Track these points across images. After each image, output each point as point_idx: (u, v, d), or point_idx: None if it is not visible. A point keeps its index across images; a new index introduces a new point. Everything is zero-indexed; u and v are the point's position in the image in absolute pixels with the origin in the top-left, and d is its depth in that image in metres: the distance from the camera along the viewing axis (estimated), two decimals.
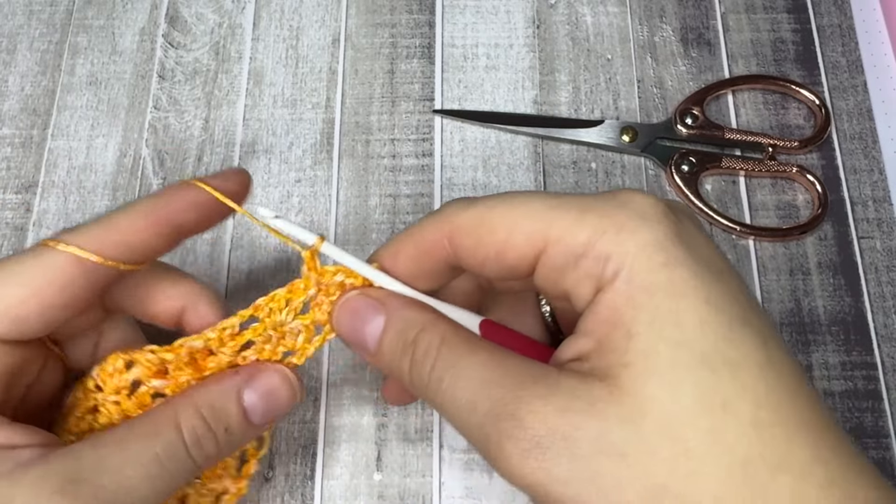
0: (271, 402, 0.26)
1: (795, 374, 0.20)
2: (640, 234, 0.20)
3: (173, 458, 0.24)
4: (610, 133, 0.41)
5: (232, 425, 0.25)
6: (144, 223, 0.25)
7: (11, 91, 0.42)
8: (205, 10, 0.44)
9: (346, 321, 0.25)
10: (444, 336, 0.23)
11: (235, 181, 0.28)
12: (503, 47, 0.43)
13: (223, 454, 0.26)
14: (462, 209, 0.23)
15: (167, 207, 0.26)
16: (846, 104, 0.42)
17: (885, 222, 0.39)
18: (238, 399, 0.26)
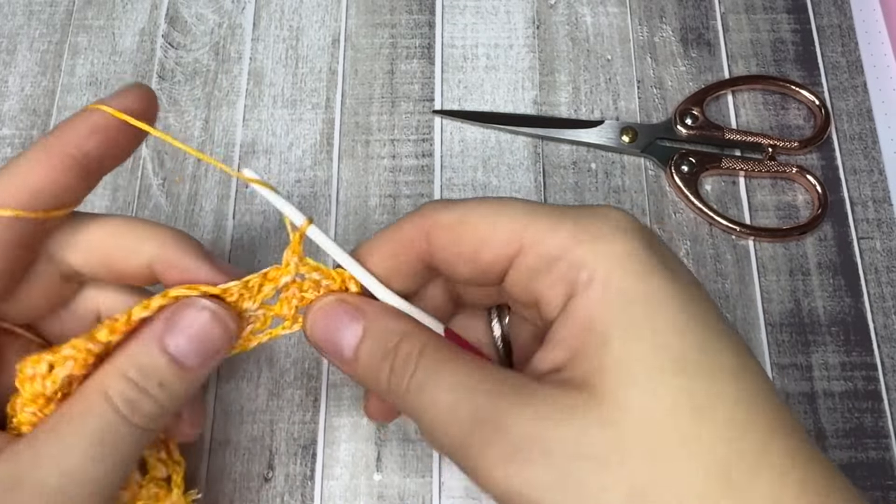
0: (200, 340, 0.24)
1: (767, 383, 0.20)
2: (616, 244, 0.21)
3: (112, 432, 0.22)
4: (610, 133, 0.41)
5: (165, 378, 0.23)
6: (45, 162, 0.23)
7: (11, 91, 0.42)
8: (205, 10, 0.44)
9: (322, 327, 0.24)
10: (426, 345, 0.23)
11: (134, 98, 0.24)
12: (503, 47, 0.43)
13: (170, 408, 0.24)
14: (442, 207, 0.24)
15: (64, 139, 0.23)
16: (846, 104, 0.42)
17: (885, 223, 0.39)
18: (161, 348, 0.23)
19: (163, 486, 0.27)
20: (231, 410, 0.36)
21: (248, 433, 0.35)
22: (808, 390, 0.36)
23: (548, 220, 0.22)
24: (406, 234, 0.24)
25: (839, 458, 0.35)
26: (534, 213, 0.22)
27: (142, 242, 0.25)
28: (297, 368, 0.36)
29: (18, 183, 0.23)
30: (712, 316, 0.21)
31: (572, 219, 0.22)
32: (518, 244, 0.22)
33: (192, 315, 0.24)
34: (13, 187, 0.23)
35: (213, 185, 0.40)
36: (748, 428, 0.19)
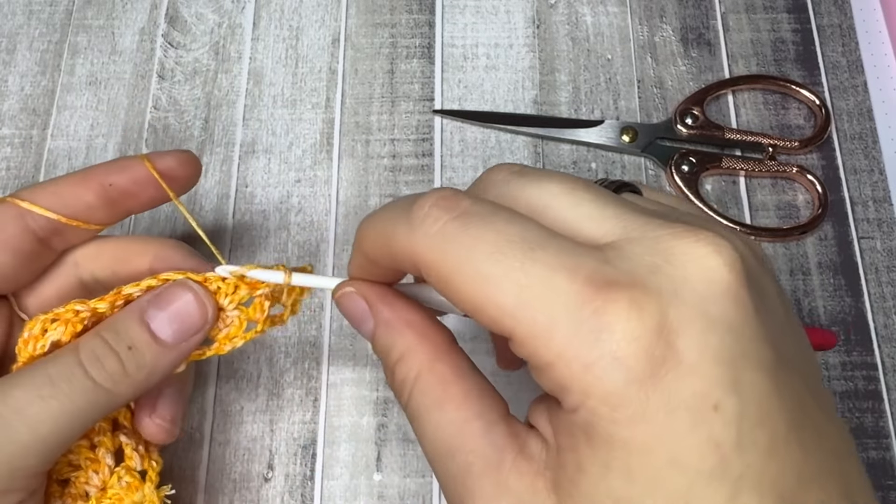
0: (178, 316, 0.25)
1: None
2: (608, 381, 0.17)
3: (68, 378, 0.23)
4: (610, 133, 0.41)
5: (136, 342, 0.25)
6: (79, 183, 0.27)
7: (11, 91, 0.42)
8: (205, 10, 0.44)
9: (347, 310, 0.25)
10: (420, 372, 0.22)
11: (178, 163, 0.28)
12: (503, 47, 0.43)
13: (136, 376, 0.25)
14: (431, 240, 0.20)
15: (102, 170, 0.27)
16: (846, 104, 0.42)
17: (886, 222, 0.39)
18: (141, 317, 0.25)
19: (136, 477, 0.27)
20: (231, 410, 0.35)
21: (248, 433, 0.35)
22: None
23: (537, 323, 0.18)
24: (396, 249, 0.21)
25: None
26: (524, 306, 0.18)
27: (145, 248, 0.28)
28: (297, 368, 0.36)
29: (48, 187, 0.27)
30: (711, 456, 0.18)
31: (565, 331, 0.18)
32: (507, 333, 0.19)
33: (176, 292, 0.26)
34: (48, 194, 0.27)
35: (213, 185, 0.40)
36: None
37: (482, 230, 0.19)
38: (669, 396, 0.17)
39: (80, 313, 0.25)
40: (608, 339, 0.17)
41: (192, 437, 0.35)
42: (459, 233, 0.19)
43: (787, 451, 0.18)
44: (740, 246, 0.19)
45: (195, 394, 0.36)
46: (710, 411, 0.17)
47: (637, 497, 0.18)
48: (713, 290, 0.18)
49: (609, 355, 0.17)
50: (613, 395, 0.17)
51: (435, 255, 0.20)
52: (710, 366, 0.18)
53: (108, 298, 0.26)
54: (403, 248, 0.21)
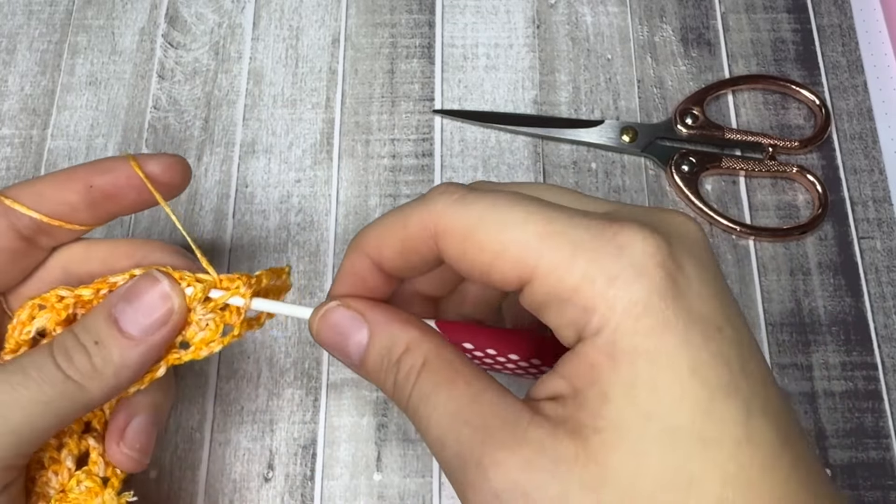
0: (143, 309, 0.25)
1: (776, 449, 0.19)
2: (631, 291, 0.19)
3: (38, 369, 0.24)
4: (610, 133, 0.41)
5: (102, 336, 0.25)
6: (61, 183, 0.27)
7: (11, 91, 0.42)
8: (205, 10, 0.44)
9: (327, 335, 0.24)
10: (427, 358, 0.22)
11: (165, 168, 0.27)
12: (503, 47, 0.43)
13: (103, 371, 0.25)
14: (450, 208, 0.22)
15: (86, 171, 0.27)
16: (846, 104, 0.42)
17: (886, 222, 0.39)
18: (108, 311, 0.25)
19: (97, 482, 0.27)
20: (231, 410, 0.35)
21: (248, 433, 0.35)
22: (809, 390, 0.36)
23: (562, 251, 0.20)
24: (413, 234, 0.22)
25: (839, 458, 0.35)
26: (549, 237, 0.20)
27: (132, 251, 0.28)
28: (297, 368, 0.36)
29: (32, 186, 0.27)
30: (728, 372, 0.19)
31: (589, 251, 0.20)
32: (529, 275, 0.20)
33: (143, 284, 0.25)
34: (32, 193, 0.26)
35: (213, 185, 0.40)
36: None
37: (497, 192, 0.21)
38: (685, 310, 0.19)
39: (65, 299, 0.26)
40: (629, 255, 0.19)
41: (192, 437, 0.35)
42: (478, 197, 0.21)
43: (777, 393, 0.20)
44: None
45: (195, 394, 0.36)
46: (717, 332, 0.19)
47: (665, 408, 0.19)
48: (695, 241, 0.21)
49: (631, 267, 0.19)
50: (637, 304, 0.19)
51: (455, 216, 0.21)
52: (710, 294, 0.20)
53: (92, 286, 0.26)
54: (421, 223, 0.22)
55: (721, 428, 0.19)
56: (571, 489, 0.19)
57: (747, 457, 0.18)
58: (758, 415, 0.19)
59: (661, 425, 0.18)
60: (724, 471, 0.18)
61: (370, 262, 0.24)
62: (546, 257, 0.20)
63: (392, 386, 0.23)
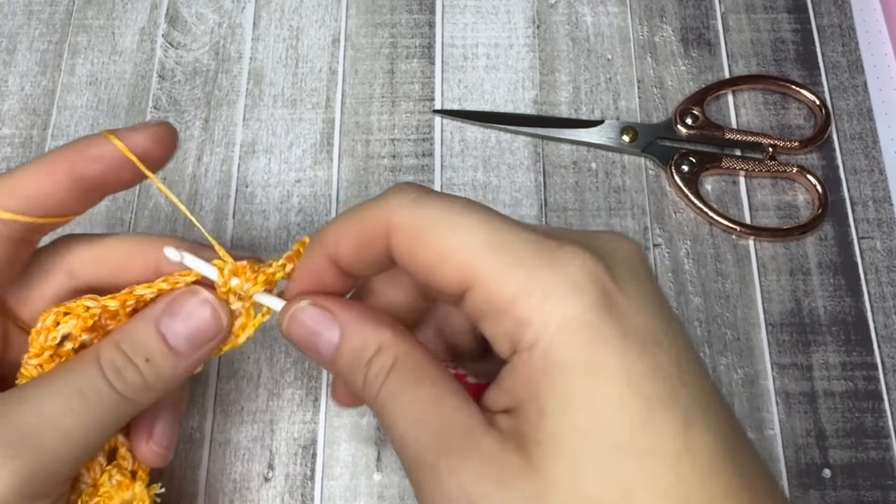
0: (191, 325, 0.25)
1: (716, 458, 0.19)
2: (567, 305, 0.19)
3: (94, 391, 0.24)
4: (610, 133, 0.41)
5: (152, 354, 0.25)
6: (43, 174, 0.25)
7: (11, 91, 0.42)
8: (205, 10, 0.44)
9: (297, 332, 0.24)
10: (397, 358, 0.22)
11: (149, 138, 0.25)
12: (503, 47, 0.43)
13: (154, 385, 0.25)
14: (404, 207, 0.22)
15: (67, 157, 0.25)
16: (846, 104, 0.42)
17: (886, 222, 0.39)
18: (156, 328, 0.25)
19: (127, 476, 0.28)
20: (231, 410, 0.35)
21: (248, 433, 0.35)
22: (809, 390, 0.36)
23: (502, 262, 0.20)
24: (368, 229, 0.22)
25: (839, 458, 0.35)
26: (492, 248, 0.20)
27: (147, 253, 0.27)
28: (297, 368, 0.36)
29: (14, 187, 0.24)
30: (666, 384, 0.19)
31: (527, 265, 0.20)
32: (470, 279, 0.20)
33: (192, 304, 0.25)
34: (8, 190, 0.24)
35: (212, 185, 0.40)
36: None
37: (450, 198, 0.22)
38: (622, 324, 0.19)
39: (91, 309, 0.25)
40: (566, 271, 0.20)
41: (192, 437, 0.35)
42: (432, 199, 0.22)
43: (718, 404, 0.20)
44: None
45: (195, 394, 0.36)
46: (656, 346, 0.20)
47: (602, 423, 0.19)
48: (634, 260, 0.21)
49: (568, 282, 0.19)
50: (573, 319, 0.19)
51: (409, 216, 0.22)
52: (649, 309, 0.20)
53: (119, 297, 0.26)
54: (376, 220, 0.22)
55: (659, 440, 0.19)
56: (514, 500, 0.19)
57: (687, 467, 0.19)
58: (698, 425, 0.19)
59: (599, 440, 0.19)
60: (663, 483, 0.18)
61: (328, 260, 0.24)
62: (488, 266, 0.20)
63: (361, 384, 0.23)
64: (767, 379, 0.36)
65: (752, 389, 0.36)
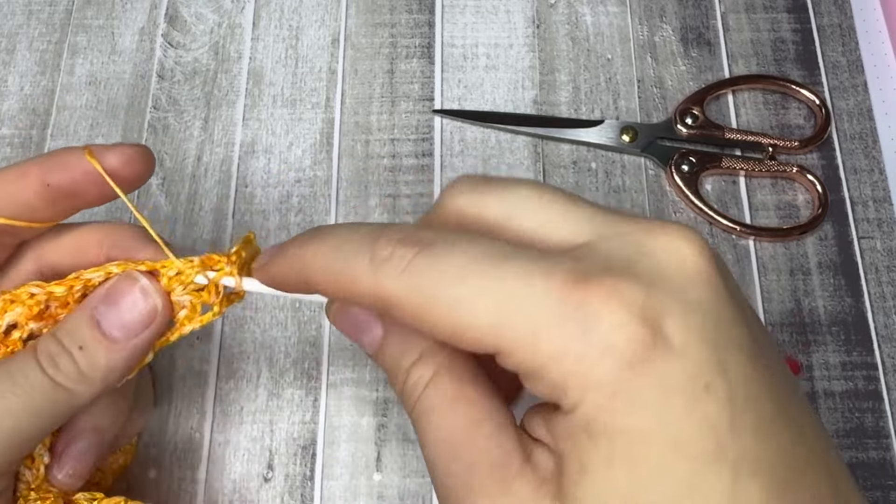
0: (127, 314, 0.25)
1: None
2: (600, 371, 0.18)
3: (26, 376, 0.24)
4: (610, 133, 0.41)
5: (86, 341, 0.24)
6: (16, 182, 0.25)
7: (11, 91, 0.42)
8: (204, 10, 0.44)
9: (343, 325, 0.24)
10: (437, 371, 0.21)
11: (125, 159, 0.25)
12: (503, 47, 0.43)
13: (91, 375, 0.24)
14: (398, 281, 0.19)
15: (41, 167, 0.25)
16: (846, 104, 0.42)
17: (886, 222, 0.39)
18: (90, 315, 0.25)
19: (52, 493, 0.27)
20: (231, 410, 0.35)
21: (248, 433, 0.35)
22: (809, 390, 0.36)
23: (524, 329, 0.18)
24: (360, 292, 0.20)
25: None
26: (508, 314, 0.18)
27: (101, 237, 0.27)
28: (297, 368, 0.36)
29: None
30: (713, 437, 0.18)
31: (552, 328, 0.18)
32: (492, 349, 0.19)
33: (123, 287, 0.25)
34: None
35: (212, 185, 0.40)
36: None
37: (448, 256, 0.19)
38: (663, 379, 0.18)
39: (36, 296, 0.25)
40: (595, 330, 0.18)
41: (192, 437, 0.35)
42: (427, 266, 0.19)
43: (778, 437, 0.18)
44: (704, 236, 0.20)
45: (195, 394, 0.36)
46: (703, 392, 0.18)
47: (643, 488, 0.18)
48: (689, 275, 0.19)
49: (599, 345, 0.18)
50: (609, 384, 0.18)
51: (406, 292, 0.19)
52: (696, 348, 0.18)
53: (65, 282, 0.25)
54: (368, 290, 0.20)
55: (705, 496, 0.18)
56: None
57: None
58: (745, 475, 0.18)
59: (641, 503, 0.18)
60: None
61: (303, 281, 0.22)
62: (506, 338, 0.18)
63: (400, 391, 0.22)
64: None
65: None
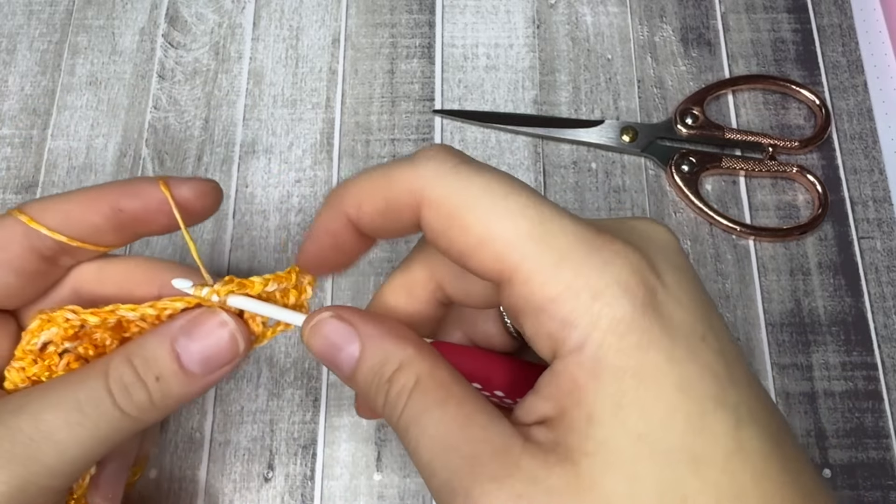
0: (210, 350, 0.25)
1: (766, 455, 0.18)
2: (616, 308, 0.18)
3: (96, 406, 0.23)
4: (610, 133, 0.41)
5: (164, 373, 0.24)
6: (89, 204, 0.25)
7: (11, 91, 0.42)
8: (205, 10, 0.44)
9: (318, 345, 0.23)
10: (420, 377, 0.21)
11: (197, 193, 0.26)
12: (503, 47, 0.43)
13: (160, 405, 0.24)
14: (441, 178, 0.20)
15: (115, 193, 0.25)
16: (846, 104, 0.42)
17: (886, 222, 0.39)
18: (171, 346, 0.24)
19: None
20: (231, 410, 0.35)
21: (248, 433, 0.35)
22: (809, 390, 0.36)
23: (548, 256, 0.19)
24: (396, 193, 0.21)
25: (839, 459, 0.35)
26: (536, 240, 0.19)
27: (151, 277, 0.27)
28: (297, 368, 0.36)
29: (57, 205, 0.25)
30: (716, 384, 0.19)
31: (574, 263, 0.19)
32: (509, 272, 0.19)
33: (211, 326, 0.25)
34: (53, 209, 0.25)
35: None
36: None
37: (493, 173, 0.20)
38: (669, 323, 0.19)
39: (70, 321, 0.25)
40: (614, 269, 0.19)
41: (192, 437, 0.35)
42: (472, 172, 0.20)
43: (760, 394, 0.20)
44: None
45: None
46: (701, 342, 0.19)
47: (655, 428, 0.18)
48: (671, 248, 0.21)
49: (616, 283, 0.19)
50: (622, 321, 0.18)
51: (447, 188, 0.20)
52: (690, 302, 0.19)
53: (101, 314, 0.25)
54: (408, 186, 0.21)
55: (712, 442, 0.18)
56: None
57: (738, 467, 0.18)
58: (747, 422, 0.19)
59: (653, 446, 0.18)
60: (716, 487, 0.18)
61: (346, 220, 0.23)
62: (531, 260, 0.19)
63: (383, 404, 0.22)
64: (767, 379, 0.36)
65: None
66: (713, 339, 0.19)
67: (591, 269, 0.19)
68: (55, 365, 0.26)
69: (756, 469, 0.18)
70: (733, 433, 0.18)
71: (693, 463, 0.18)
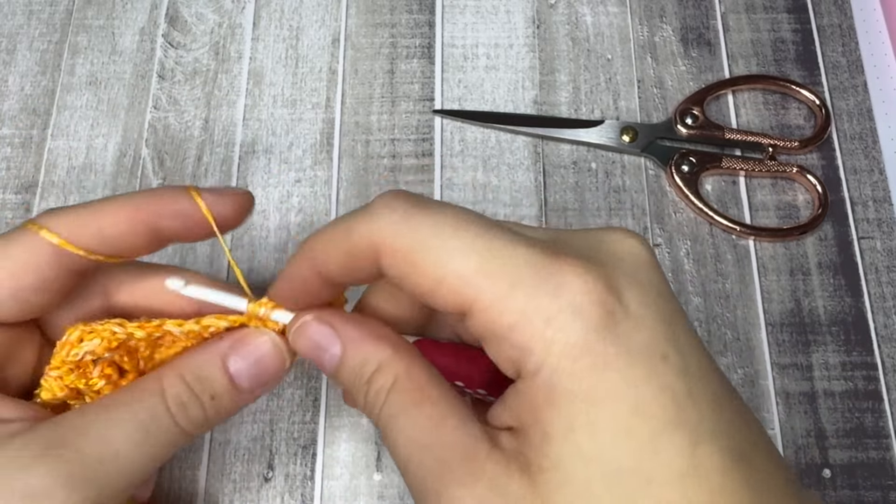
0: (258, 367, 0.25)
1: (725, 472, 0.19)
2: (569, 332, 0.19)
3: (158, 424, 0.24)
4: (610, 133, 0.41)
5: (218, 392, 0.25)
6: (122, 216, 0.25)
7: (11, 91, 0.42)
8: (205, 10, 0.44)
9: (303, 346, 0.25)
10: (398, 378, 0.22)
11: (230, 204, 0.26)
12: (503, 47, 0.43)
13: (213, 421, 0.25)
14: (393, 226, 0.21)
15: (149, 208, 0.25)
16: (846, 104, 0.42)
17: (886, 222, 0.39)
18: (223, 365, 0.25)
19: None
20: None
21: (248, 433, 0.35)
22: (809, 390, 0.36)
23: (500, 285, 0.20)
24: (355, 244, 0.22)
25: (839, 458, 0.35)
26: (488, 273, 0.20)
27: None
28: (297, 368, 0.36)
29: (92, 221, 0.25)
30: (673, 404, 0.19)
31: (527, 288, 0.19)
32: (468, 304, 0.20)
33: (259, 344, 0.25)
34: (87, 226, 0.25)
35: (212, 185, 0.40)
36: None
37: (442, 213, 0.21)
38: (626, 345, 0.19)
39: (117, 334, 0.25)
40: (567, 293, 0.19)
41: None
42: (422, 216, 0.21)
43: (730, 409, 0.20)
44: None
45: None
46: (661, 361, 0.19)
47: (607, 450, 0.18)
48: (639, 261, 0.21)
49: (569, 307, 0.19)
50: (575, 345, 0.19)
51: (399, 237, 0.21)
52: (653, 321, 0.19)
53: (147, 328, 0.26)
54: (365, 239, 0.21)
55: (666, 463, 0.18)
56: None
57: (693, 486, 0.18)
58: (706, 441, 0.19)
59: (604, 467, 0.18)
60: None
61: (315, 272, 0.24)
62: (484, 292, 0.20)
63: (363, 403, 0.23)
64: (767, 379, 0.36)
65: (751, 389, 0.36)
66: (676, 357, 0.19)
67: (544, 294, 0.19)
68: (90, 372, 0.26)
69: (713, 487, 0.18)
70: (689, 452, 0.18)
71: (646, 484, 0.18)
